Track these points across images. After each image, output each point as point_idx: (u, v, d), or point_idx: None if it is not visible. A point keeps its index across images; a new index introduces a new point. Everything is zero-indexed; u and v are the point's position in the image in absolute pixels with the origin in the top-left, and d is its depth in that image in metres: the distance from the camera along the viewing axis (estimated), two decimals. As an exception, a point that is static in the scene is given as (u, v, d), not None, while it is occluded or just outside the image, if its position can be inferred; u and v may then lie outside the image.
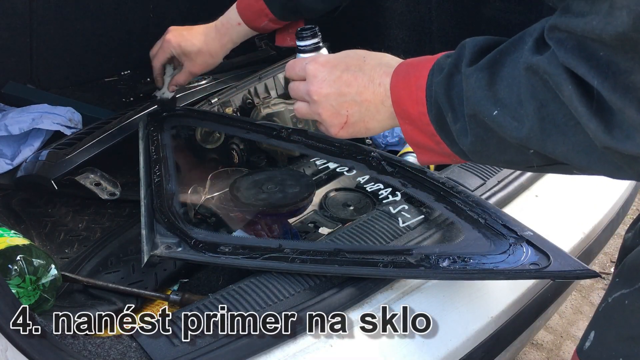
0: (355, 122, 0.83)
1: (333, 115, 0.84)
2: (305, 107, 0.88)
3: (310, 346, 0.82)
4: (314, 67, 0.84)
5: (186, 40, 1.26)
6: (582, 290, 2.16)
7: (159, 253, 0.95)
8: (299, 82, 0.88)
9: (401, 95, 0.76)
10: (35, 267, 0.92)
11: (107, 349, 0.77)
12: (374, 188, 1.13)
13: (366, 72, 0.81)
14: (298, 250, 0.92)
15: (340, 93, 0.82)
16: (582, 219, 1.15)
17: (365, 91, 0.80)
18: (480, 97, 0.65)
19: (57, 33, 2.13)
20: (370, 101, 0.80)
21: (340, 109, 0.82)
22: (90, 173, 1.42)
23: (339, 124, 0.84)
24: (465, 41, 0.71)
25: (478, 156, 0.72)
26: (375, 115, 0.81)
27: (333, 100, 0.83)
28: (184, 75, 1.33)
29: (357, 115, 0.82)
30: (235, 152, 1.49)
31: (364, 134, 0.86)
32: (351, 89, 0.81)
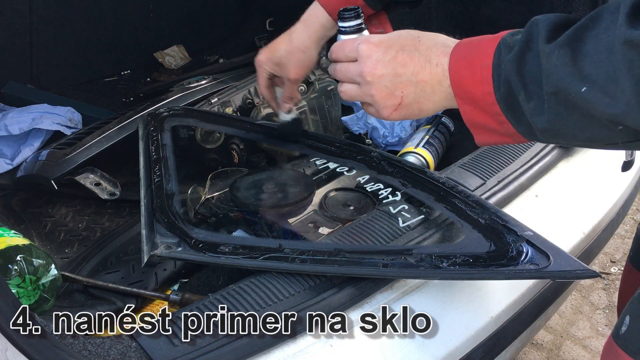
0: (410, 103, 0.81)
1: (387, 96, 0.81)
2: (354, 89, 0.85)
3: (310, 346, 0.82)
4: (368, 47, 0.82)
5: (273, 50, 1.17)
6: (582, 290, 2.16)
7: (159, 253, 0.95)
8: (349, 64, 0.85)
9: (462, 75, 0.75)
10: (35, 267, 0.92)
11: (107, 349, 0.77)
12: (374, 188, 1.13)
13: (422, 53, 0.79)
14: (298, 250, 0.92)
15: (395, 74, 0.80)
16: (582, 219, 1.15)
17: (421, 71, 0.79)
18: (564, 74, 0.64)
19: (57, 33, 2.13)
20: (427, 82, 0.79)
21: (395, 90, 0.81)
22: (90, 173, 1.42)
23: (392, 105, 0.82)
24: (536, 19, 0.70)
25: (551, 135, 0.71)
26: (430, 97, 0.80)
27: (388, 81, 0.81)
28: (286, 87, 1.20)
29: (412, 97, 0.81)
30: (235, 152, 1.49)
31: (416, 116, 0.84)
32: (407, 70, 0.79)
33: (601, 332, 1.99)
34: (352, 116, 1.66)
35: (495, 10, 1.57)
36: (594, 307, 2.09)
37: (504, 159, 1.19)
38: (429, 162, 1.44)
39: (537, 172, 1.19)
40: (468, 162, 1.18)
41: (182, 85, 1.67)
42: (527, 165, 1.19)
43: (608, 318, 2.04)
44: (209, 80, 1.69)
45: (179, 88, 1.65)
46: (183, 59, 2.43)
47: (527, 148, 1.23)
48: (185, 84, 1.67)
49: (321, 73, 1.65)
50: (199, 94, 1.61)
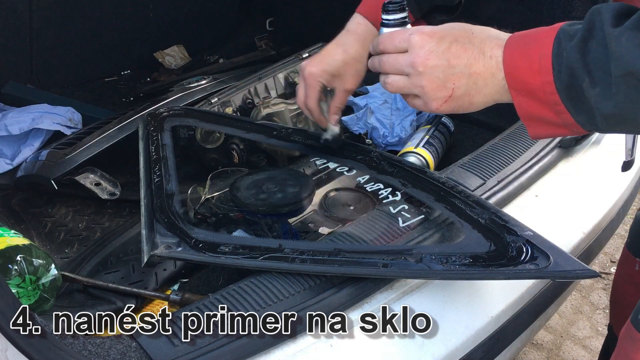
0: (461, 95, 0.81)
1: (438, 88, 0.81)
2: (402, 81, 0.84)
3: (310, 346, 0.82)
4: (421, 38, 0.81)
5: (326, 61, 1.13)
6: (582, 290, 2.16)
7: (159, 253, 0.95)
8: (398, 55, 0.84)
9: (518, 66, 0.75)
10: (35, 267, 0.92)
11: (107, 349, 0.77)
12: (374, 188, 1.13)
13: (476, 44, 0.79)
14: (298, 250, 0.92)
15: (448, 65, 0.79)
16: (582, 219, 1.15)
17: (475, 63, 0.78)
18: (635, 55, 0.65)
19: (57, 33, 2.13)
20: (480, 74, 0.78)
21: (447, 81, 0.80)
22: (90, 173, 1.42)
23: (442, 97, 0.81)
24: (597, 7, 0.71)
25: (616, 121, 0.71)
26: (482, 89, 0.79)
27: (440, 72, 0.80)
28: (340, 97, 1.15)
29: (464, 89, 0.80)
30: (235, 152, 1.49)
31: (465, 110, 0.83)
32: (460, 61, 0.79)
33: (601, 332, 1.99)
34: (352, 116, 1.66)
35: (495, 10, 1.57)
36: (594, 307, 2.09)
37: (504, 159, 1.19)
38: (429, 162, 1.44)
39: (537, 172, 1.19)
40: (468, 162, 1.18)
41: (182, 85, 1.67)
42: (527, 165, 1.19)
43: (608, 318, 2.04)
44: (209, 80, 1.69)
45: (179, 88, 1.65)
46: (183, 59, 2.43)
47: (527, 148, 1.23)
48: (185, 84, 1.67)
49: (321, 73, 1.65)
50: (199, 94, 1.61)
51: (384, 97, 1.69)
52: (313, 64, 1.13)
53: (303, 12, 2.25)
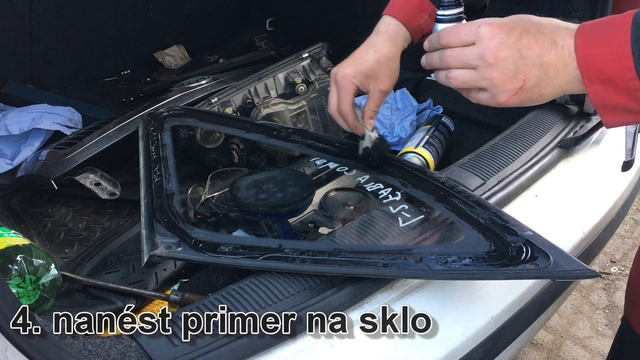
0: (531, 87, 0.79)
1: (508, 79, 0.79)
2: (467, 74, 0.82)
3: (310, 346, 0.82)
4: (490, 29, 0.80)
5: (358, 62, 1.09)
6: (582, 290, 2.16)
7: (159, 253, 0.95)
8: (463, 48, 0.82)
9: (594, 54, 0.74)
10: (35, 267, 0.92)
11: (107, 349, 0.77)
12: (374, 188, 1.13)
13: (546, 35, 0.78)
14: (298, 250, 0.92)
15: (520, 56, 0.78)
16: (582, 219, 1.15)
17: (547, 54, 0.77)
18: None
19: (57, 33, 2.13)
20: (552, 64, 0.77)
21: (518, 73, 0.79)
22: (90, 173, 1.42)
23: (513, 89, 0.80)
24: None
25: None
26: (553, 80, 0.78)
27: (511, 64, 0.79)
28: (375, 98, 1.10)
29: (535, 80, 0.79)
30: (235, 152, 1.49)
31: (534, 102, 0.82)
32: (532, 52, 0.78)
33: (601, 332, 1.99)
34: (352, 116, 1.66)
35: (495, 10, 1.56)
36: (594, 307, 2.09)
37: (504, 159, 1.19)
38: (429, 162, 1.44)
39: (537, 172, 1.19)
40: (468, 162, 1.18)
41: (182, 85, 1.67)
42: (527, 165, 1.19)
43: (608, 318, 2.04)
44: (209, 80, 1.69)
45: (179, 88, 1.65)
46: (183, 59, 2.43)
47: (527, 148, 1.23)
48: (185, 84, 1.67)
49: (321, 73, 1.65)
50: (199, 94, 1.61)
51: (384, 97, 1.69)
52: (345, 66, 1.10)
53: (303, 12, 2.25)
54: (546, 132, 1.29)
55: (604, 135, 1.35)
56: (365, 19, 1.95)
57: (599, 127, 1.31)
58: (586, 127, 1.29)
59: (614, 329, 1.98)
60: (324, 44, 1.70)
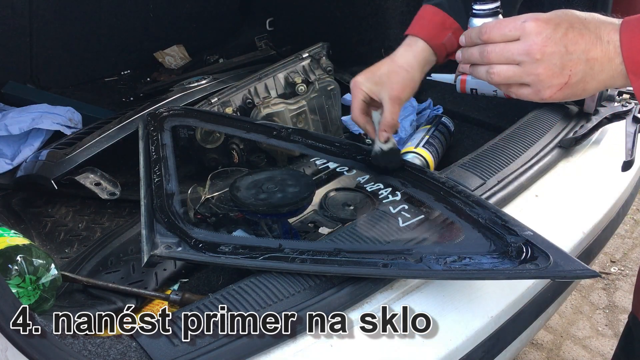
0: (576, 82, 0.80)
1: (554, 74, 0.79)
2: (512, 70, 0.82)
3: (310, 346, 0.82)
4: (537, 24, 0.79)
5: (371, 70, 1.11)
6: (582, 290, 2.16)
7: (158, 253, 0.95)
8: (507, 43, 0.82)
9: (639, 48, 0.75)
10: (35, 267, 0.92)
11: (107, 349, 0.77)
12: (374, 188, 1.13)
13: (592, 30, 0.78)
14: (298, 250, 0.92)
15: (566, 51, 0.78)
16: (582, 219, 1.15)
17: (593, 49, 0.78)
18: None
19: (57, 33, 2.13)
20: (597, 59, 0.78)
21: (564, 68, 0.79)
22: (90, 173, 1.42)
23: (558, 84, 0.80)
24: None
25: None
26: (598, 75, 0.79)
27: (557, 59, 0.79)
28: (387, 109, 1.09)
29: (580, 75, 0.79)
30: (235, 151, 1.49)
31: (577, 97, 0.82)
32: (578, 47, 0.78)
33: (601, 332, 1.99)
34: (352, 116, 1.66)
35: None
36: (594, 307, 2.09)
37: (504, 159, 1.19)
38: (429, 162, 1.45)
39: (537, 172, 1.19)
40: (468, 162, 1.18)
41: (182, 85, 1.67)
42: (527, 165, 1.19)
43: (608, 318, 2.04)
44: (209, 80, 1.69)
45: (179, 88, 1.65)
46: (183, 59, 2.44)
47: (527, 148, 1.23)
48: (185, 84, 1.67)
49: (321, 73, 1.65)
50: (199, 94, 1.61)
51: (384, 97, 1.69)
52: (359, 74, 1.11)
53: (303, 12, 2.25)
54: (546, 132, 1.29)
55: (604, 135, 1.35)
56: (365, 19, 1.95)
57: (599, 127, 1.31)
58: (586, 127, 1.29)
59: (614, 329, 1.98)
60: (324, 44, 1.70)
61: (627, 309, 2.06)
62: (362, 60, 2.02)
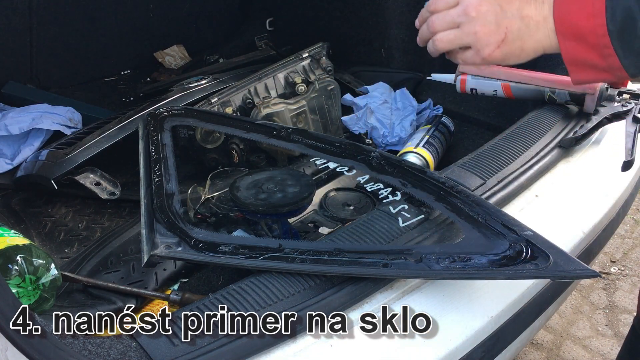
0: (513, 40, 0.83)
1: (491, 32, 0.83)
2: (453, 33, 0.86)
3: (310, 346, 0.82)
4: None
5: None
6: (582, 290, 2.16)
7: (158, 253, 0.95)
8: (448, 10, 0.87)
9: (570, 10, 0.78)
10: (35, 267, 0.92)
11: (107, 349, 0.77)
12: (374, 188, 1.13)
13: None
14: (298, 250, 0.92)
15: (501, 9, 0.82)
16: (582, 219, 1.15)
17: (527, 7, 0.81)
18: None
19: (57, 33, 2.13)
20: (532, 17, 0.81)
21: (500, 25, 0.83)
22: (90, 173, 1.42)
23: (495, 42, 0.84)
24: None
25: None
26: (534, 34, 0.82)
27: (493, 16, 0.83)
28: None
29: (516, 33, 0.83)
30: (235, 151, 1.49)
31: (516, 57, 0.85)
32: (512, 6, 0.82)
33: (601, 332, 1.99)
34: (352, 116, 1.66)
35: None
36: (594, 307, 2.09)
37: (504, 159, 1.19)
38: (429, 161, 1.45)
39: (537, 172, 1.19)
40: (468, 162, 1.18)
41: (182, 85, 1.67)
42: (527, 165, 1.18)
43: (608, 318, 2.04)
44: (209, 80, 1.69)
45: (179, 88, 1.65)
46: (183, 59, 2.43)
47: (527, 148, 1.23)
48: (185, 84, 1.67)
49: (321, 73, 1.65)
50: (199, 94, 1.61)
51: (383, 97, 1.70)
52: None
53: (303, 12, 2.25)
54: (546, 132, 1.29)
55: (604, 135, 1.35)
56: (365, 19, 1.95)
57: (599, 127, 1.31)
58: (586, 127, 1.29)
59: (614, 329, 1.99)
60: (324, 44, 1.70)
61: (627, 308, 2.07)
62: (362, 60, 2.04)
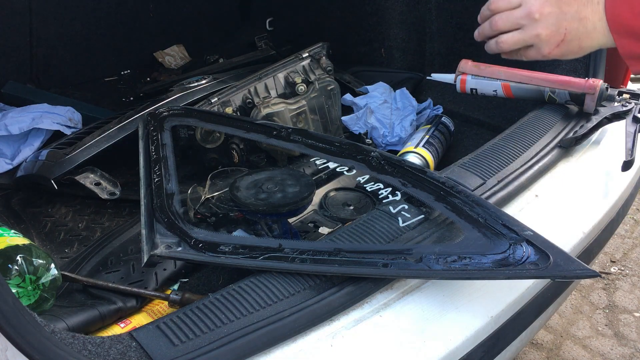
0: (571, 39, 0.91)
1: (552, 33, 0.91)
2: (516, 35, 0.94)
3: (310, 346, 0.82)
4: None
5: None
6: (582, 290, 2.16)
7: (158, 253, 0.95)
8: (512, 10, 0.94)
9: (621, 10, 0.84)
10: (35, 267, 0.92)
11: (107, 349, 0.77)
12: (374, 188, 1.13)
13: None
14: (298, 250, 0.92)
15: (561, 11, 0.89)
16: (582, 219, 1.15)
17: (584, 9, 0.88)
18: None
19: (57, 33, 2.13)
20: (589, 18, 0.88)
21: (560, 27, 0.90)
22: (90, 173, 1.42)
23: (555, 42, 0.91)
24: None
25: None
26: (591, 33, 0.89)
27: (554, 18, 0.90)
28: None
29: (574, 33, 0.90)
30: (235, 151, 1.49)
31: (574, 54, 0.93)
32: (571, 8, 0.89)
33: (601, 331, 1.99)
34: (352, 116, 1.66)
35: None
36: (594, 307, 2.09)
37: (504, 159, 1.19)
38: (429, 161, 1.45)
39: (537, 172, 1.19)
40: (468, 162, 1.18)
41: (182, 85, 1.67)
42: (527, 165, 1.18)
43: (608, 318, 2.04)
44: (209, 80, 1.69)
45: (179, 88, 1.65)
46: (183, 59, 2.44)
47: (527, 148, 1.23)
48: (185, 84, 1.67)
49: (321, 73, 1.65)
50: (199, 94, 1.61)
51: (383, 97, 1.70)
52: None
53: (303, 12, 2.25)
54: (546, 132, 1.29)
55: (604, 135, 1.35)
56: (365, 19, 1.95)
57: (599, 127, 1.31)
58: (586, 127, 1.29)
59: (614, 329, 1.99)
60: (324, 44, 1.70)
61: (627, 308, 2.07)
62: (362, 60, 2.04)
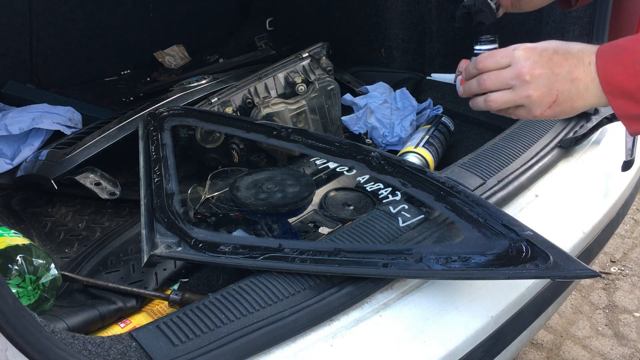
0: (564, 101, 0.88)
1: (543, 94, 0.88)
2: (507, 94, 0.90)
3: (310, 346, 0.83)
4: (525, 51, 0.88)
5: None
6: (582, 290, 2.16)
7: (158, 253, 0.95)
8: (500, 70, 0.91)
9: (613, 72, 0.83)
10: (35, 267, 0.92)
11: (107, 349, 0.77)
12: (374, 188, 1.13)
13: (574, 54, 0.86)
14: (298, 250, 0.92)
15: (552, 72, 0.87)
16: (582, 219, 1.15)
17: (576, 70, 0.86)
18: None
19: (57, 33, 2.13)
20: (581, 79, 0.86)
21: (552, 88, 0.87)
22: (90, 173, 1.42)
23: (547, 103, 0.88)
24: None
25: None
26: (583, 94, 0.87)
27: (545, 80, 0.87)
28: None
29: (567, 94, 0.87)
30: (235, 151, 1.49)
31: (566, 114, 0.91)
32: (562, 69, 0.86)
33: (601, 331, 1.99)
34: (352, 116, 1.66)
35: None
36: (594, 307, 2.09)
37: (504, 159, 1.19)
38: (429, 161, 1.45)
39: (537, 172, 1.19)
40: (468, 162, 1.18)
41: (182, 85, 1.67)
42: (527, 165, 1.19)
43: (608, 318, 2.04)
44: (209, 80, 1.69)
45: (179, 88, 1.65)
46: (183, 59, 2.44)
47: (527, 148, 1.23)
48: (185, 84, 1.67)
49: (321, 73, 1.65)
50: (199, 94, 1.61)
51: (383, 97, 1.70)
52: None
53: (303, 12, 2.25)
54: (546, 132, 1.29)
55: (604, 135, 1.35)
56: (365, 19, 1.95)
57: (599, 127, 1.31)
58: (586, 127, 1.29)
59: (614, 329, 1.99)
60: (324, 44, 1.70)
61: (627, 308, 2.07)
62: (362, 60, 2.04)
